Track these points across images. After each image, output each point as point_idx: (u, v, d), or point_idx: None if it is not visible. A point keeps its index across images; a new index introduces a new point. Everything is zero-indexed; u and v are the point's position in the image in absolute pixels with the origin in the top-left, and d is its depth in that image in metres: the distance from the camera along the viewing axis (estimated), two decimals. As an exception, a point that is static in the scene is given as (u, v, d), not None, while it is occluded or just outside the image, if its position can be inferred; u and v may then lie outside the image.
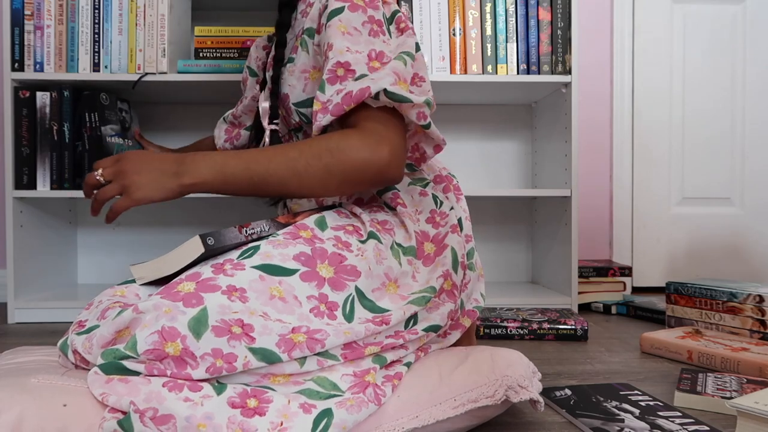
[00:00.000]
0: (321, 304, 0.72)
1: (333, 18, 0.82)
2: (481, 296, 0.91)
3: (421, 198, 0.89)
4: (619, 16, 2.03)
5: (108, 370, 0.61)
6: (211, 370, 0.62)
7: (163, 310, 0.62)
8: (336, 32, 0.81)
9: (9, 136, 1.51)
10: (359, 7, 0.83)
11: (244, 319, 0.64)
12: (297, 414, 0.61)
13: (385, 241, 0.82)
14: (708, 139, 2.07)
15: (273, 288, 0.69)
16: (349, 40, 0.81)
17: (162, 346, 0.61)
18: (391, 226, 0.85)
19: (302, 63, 0.91)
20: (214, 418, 0.58)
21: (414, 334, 0.76)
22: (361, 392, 0.67)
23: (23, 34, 1.50)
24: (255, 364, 0.63)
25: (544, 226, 1.84)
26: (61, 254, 1.76)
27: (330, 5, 0.84)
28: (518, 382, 0.75)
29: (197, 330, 0.62)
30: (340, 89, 0.79)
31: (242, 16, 1.87)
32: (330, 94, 0.79)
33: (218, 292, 0.65)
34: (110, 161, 0.78)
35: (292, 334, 0.66)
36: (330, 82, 0.79)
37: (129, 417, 0.57)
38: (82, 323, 0.73)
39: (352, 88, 0.77)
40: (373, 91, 0.76)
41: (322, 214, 0.82)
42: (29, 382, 0.61)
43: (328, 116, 0.78)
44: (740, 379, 0.97)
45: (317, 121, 0.79)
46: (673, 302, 1.39)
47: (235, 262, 0.71)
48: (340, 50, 0.80)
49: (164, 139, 1.87)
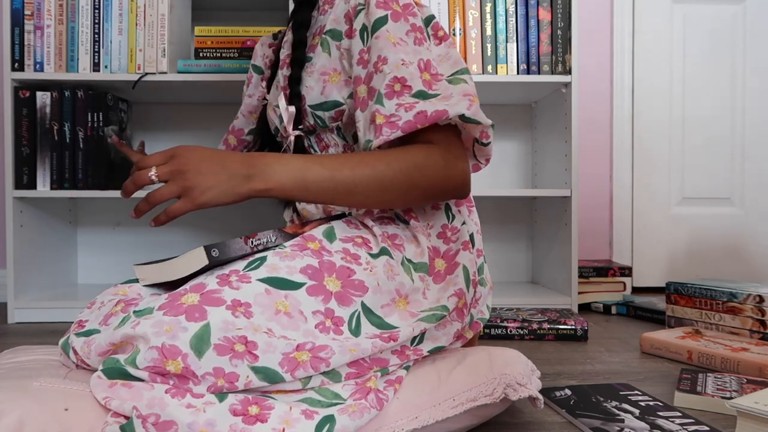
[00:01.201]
0: (327, 319, 0.70)
1: (380, 28, 0.81)
2: (487, 308, 0.89)
3: (433, 212, 0.87)
4: (619, 16, 2.03)
5: (111, 375, 0.61)
6: (212, 389, 0.61)
7: (164, 329, 0.61)
8: (387, 44, 0.80)
9: (9, 136, 1.51)
10: (401, 15, 0.83)
11: (248, 336, 0.63)
12: (299, 420, 0.61)
13: (396, 257, 0.80)
14: (708, 139, 2.07)
15: (279, 302, 0.68)
16: (401, 51, 0.80)
17: (162, 364, 0.60)
18: (401, 241, 0.83)
19: (321, 64, 0.89)
20: (216, 425, 0.58)
21: (419, 354, 0.76)
22: (363, 398, 0.66)
23: (23, 34, 1.50)
24: (257, 384, 0.63)
25: (544, 226, 1.84)
26: (61, 254, 1.76)
27: (372, 13, 0.83)
28: (517, 380, 0.75)
29: (199, 348, 0.61)
30: (403, 104, 0.78)
31: (242, 16, 1.87)
32: (392, 108, 0.78)
33: (222, 306, 0.64)
34: (163, 157, 0.72)
35: (297, 352, 0.65)
36: (388, 97, 0.79)
37: (131, 422, 0.57)
38: (82, 323, 0.72)
39: (426, 108, 0.77)
40: (451, 115, 0.77)
41: (331, 225, 0.81)
42: (31, 385, 0.61)
43: (398, 132, 0.77)
44: (740, 379, 0.97)
45: (383, 135, 0.77)
46: (673, 302, 1.39)
47: (241, 273, 0.69)
48: (396, 64, 0.79)
49: (164, 139, 1.87)
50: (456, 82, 0.82)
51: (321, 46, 0.90)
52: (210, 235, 1.89)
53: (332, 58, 0.89)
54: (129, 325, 0.63)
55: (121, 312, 0.69)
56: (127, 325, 0.63)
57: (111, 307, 0.72)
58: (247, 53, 1.57)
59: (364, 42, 0.84)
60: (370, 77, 0.82)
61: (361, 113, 0.83)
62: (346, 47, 0.88)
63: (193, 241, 1.89)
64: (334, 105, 0.89)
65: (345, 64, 0.88)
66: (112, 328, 0.65)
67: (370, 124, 0.80)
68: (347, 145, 0.93)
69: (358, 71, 0.84)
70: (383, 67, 0.80)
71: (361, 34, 0.84)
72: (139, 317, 0.63)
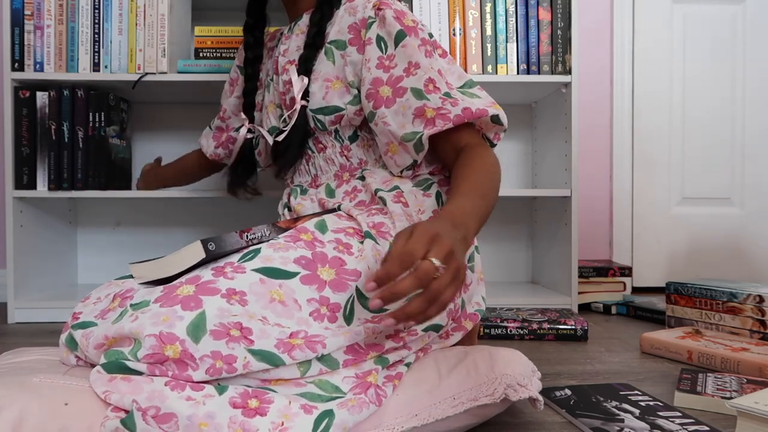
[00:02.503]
0: (322, 306, 0.72)
1: (404, 39, 0.91)
2: (483, 299, 0.91)
3: (424, 198, 0.93)
4: (619, 15, 2.03)
5: (111, 369, 0.61)
6: (211, 372, 0.62)
7: (161, 319, 0.62)
8: (416, 51, 0.91)
9: (9, 136, 1.51)
10: (412, 30, 0.93)
11: (243, 323, 0.64)
12: (298, 414, 0.62)
13: (382, 243, 0.82)
14: (708, 138, 2.07)
15: (273, 291, 0.69)
16: (426, 59, 0.91)
17: (161, 350, 0.61)
18: (387, 228, 0.85)
19: (325, 72, 0.97)
20: (215, 417, 0.58)
21: (413, 335, 0.76)
22: (363, 393, 0.67)
23: (23, 34, 1.50)
24: (255, 365, 0.63)
25: (544, 226, 1.84)
26: (61, 254, 1.76)
27: (391, 25, 0.92)
28: (517, 380, 0.75)
29: (196, 334, 0.62)
30: (448, 100, 0.88)
31: (242, 16, 1.86)
32: (438, 102, 0.88)
33: (218, 295, 0.65)
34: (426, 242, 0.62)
35: (290, 338, 0.66)
36: (431, 92, 0.89)
37: (131, 415, 0.57)
38: (76, 315, 0.73)
39: (470, 105, 0.87)
40: (490, 114, 0.88)
41: (323, 218, 0.83)
42: (31, 381, 0.61)
43: (449, 124, 0.87)
44: (740, 379, 0.97)
45: (436, 126, 0.88)
46: (673, 302, 1.39)
47: (235, 264, 0.71)
48: (429, 68, 0.90)
49: (164, 139, 1.87)
50: (469, 95, 0.91)
51: (326, 55, 0.98)
52: (209, 234, 1.89)
53: (336, 66, 0.97)
54: (127, 319, 0.64)
55: (119, 307, 0.70)
56: (125, 319, 0.64)
57: (108, 302, 0.73)
58: (247, 53, 1.57)
59: (383, 50, 0.93)
60: (399, 79, 0.91)
61: (388, 109, 0.91)
62: (350, 56, 0.96)
63: (192, 240, 1.89)
64: (334, 110, 0.97)
65: (348, 71, 0.96)
66: (110, 321, 0.66)
67: (414, 117, 0.89)
68: (343, 145, 1.00)
69: (377, 74, 0.92)
70: (416, 70, 0.90)
71: (377, 42, 0.93)
72: (136, 311, 0.64)
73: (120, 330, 0.63)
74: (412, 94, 0.89)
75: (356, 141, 1.00)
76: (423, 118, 0.89)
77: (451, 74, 0.94)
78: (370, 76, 0.93)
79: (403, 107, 0.90)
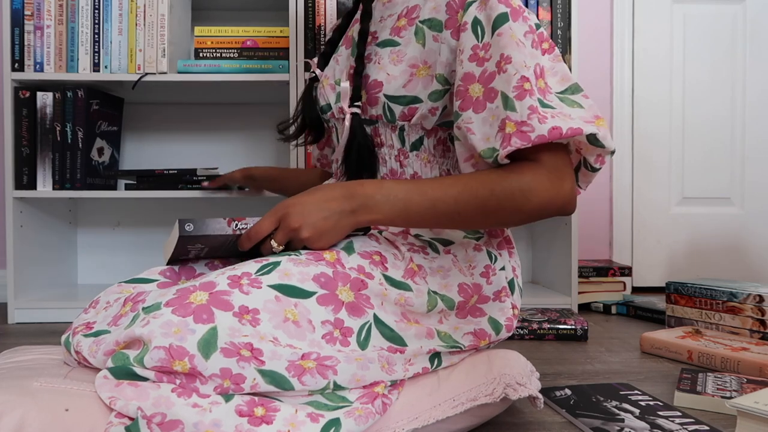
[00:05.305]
0: (335, 329, 0.69)
1: (502, 25, 0.75)
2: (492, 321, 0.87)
3: (475, 253, 0.84)
4: (619, 15, 2.03)
5: (118, 375, 0.61)
6: (218, 390, 0.61)
7: (172, 330, 0.61)
8: (511, 42, 0.74)
9: (9, 136, 1.51)
10: (519, 14, 0.77)
11: (254, 344, 0.63)
12: (304, 423, 0.61)
13: (415, 289, 0.77)
14: (708, 138, 2.07)
15: (288, 311, 0.67)
16: (522, 52, 0.74)
17: (170, 363, 0.60)
18: (424, 273, 0.80)
19: (412, 55, 0.83)
20: (221, 425, 0.58)
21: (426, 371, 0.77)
22: (370, 403, 0.66)
23: (23, 34, 1.50)
24: (264, 387, 0.62)
25: (544, 226, 1.84)
26: (61, 254, 1.76)
27: (492, 8, 0.76)
28: (516, 379, 0.75)
29: (206, 351, 0.61)
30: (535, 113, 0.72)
31: (242, 16, 1.87)
32: (524, 114, 0.72)
33: (230, 312, 0.64)
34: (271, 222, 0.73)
35: (302, 360, 0.64)
36: (519, 98, 0.73)
37: (137, 422, 0.57)
38: (90, 325, 0.71)
39: (560, 125, 0.71)
40: (585, 133, 0.72)
41: (350, 240, 0.78)
42: (31, 385, 0.61)
43: (528, 144, 0.71)
44: (740, 379, 0.97)
45: (511, 145, 0.72)
46: (673, 302, 1.39)
47: (252, 277, 0.68)
48: (522, 64, 0.73)
49: (164, 139, 1.87)
50: (569, 103, 0.77)
51: (415, 36, 0.83)
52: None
53: (426, 50, 0.82)
54: (138, 324, 0.63)
55: (131, 311, 0.69)
56: (137, 323, 0.63)
57: (119, 307, 0.72)
58: (247, 53, 1.57)
59: (479, 38, 0.77)
60: (491, 77, 0.75)
61: (476, 115, 0.76)
62: (444, 42, 0.80)
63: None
64: (412, 100, 0.83)
65: (440, 58, 0.81)
66: (123, 327, 0.65)
67: (498, 131, 0.74)
68: (402, 149, 0.87)
69: (469, 67, 0.77)
70: (507, 67, 0.74)
71: (473, 27, 0.77)
72: (148, 314, 0.63)
73: (131, 334, 0.62)
74: (501, 99, 0.74)
75: (418, 150, 0.86)
76: (503, 133, 0.73)
77: (553, 75, 0.79)
78: (461, 71, 0.77)
79: (493, 116, 0.75)
